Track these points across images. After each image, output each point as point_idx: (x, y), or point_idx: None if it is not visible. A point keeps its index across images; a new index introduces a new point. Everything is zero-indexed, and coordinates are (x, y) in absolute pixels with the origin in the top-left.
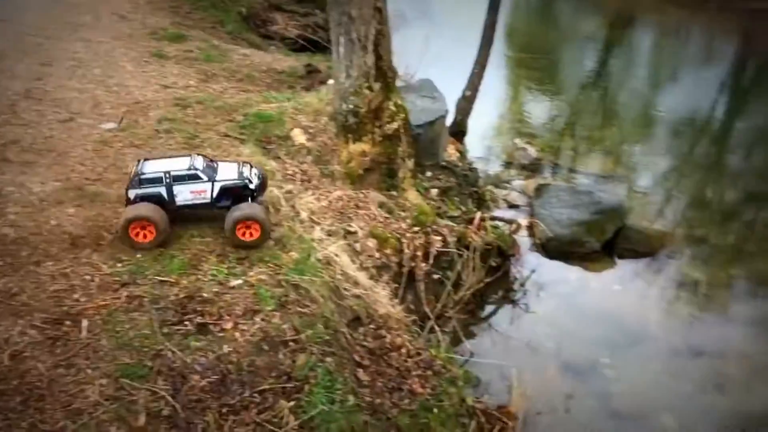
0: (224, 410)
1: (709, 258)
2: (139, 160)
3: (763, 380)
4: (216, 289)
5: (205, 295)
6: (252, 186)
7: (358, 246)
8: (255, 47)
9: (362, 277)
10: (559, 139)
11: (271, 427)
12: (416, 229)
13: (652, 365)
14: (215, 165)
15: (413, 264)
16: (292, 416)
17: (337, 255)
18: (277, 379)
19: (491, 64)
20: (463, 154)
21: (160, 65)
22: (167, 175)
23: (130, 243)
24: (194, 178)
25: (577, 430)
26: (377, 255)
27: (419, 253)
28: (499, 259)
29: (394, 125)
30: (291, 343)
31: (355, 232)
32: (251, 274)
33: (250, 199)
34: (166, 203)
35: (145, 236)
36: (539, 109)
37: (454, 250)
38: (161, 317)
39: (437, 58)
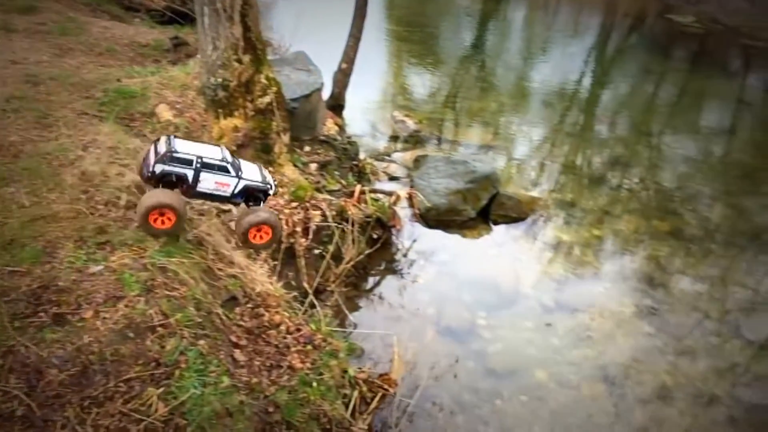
0: (86, 403)
1: (577, 220)
2: (168, 136)
3: (625, 331)
4: (74, 277)
5: (61, 284)
6: (271, 192)
7: (233, 224)
8: (117, 19)
9: (237, 255)
10: (437, 111)
11: (139, 416)
12: (294, 204)
13: (526, 323)
14: (239, 162)
15: (292, 240)
16: (161, 403)
17: (209, 234)
18: (145, 366)
19: (370, 37)
20: (342, 127)
21: (8, 39)
22: (199, 160)
23: (148, 229)
24: (223, 170)
25: (456, 390)
26: None
27: (298, 229)
28: (380, 230)
29: (267, 99)
30: (159, 328)
31: (228, 210)
32: (113, 259)
33: (261, 202)
34: (187, 186)
35: (163, 222)
36: (417, 82)
37: (334, 224)
38: (11, 310)
39: (312, 31)
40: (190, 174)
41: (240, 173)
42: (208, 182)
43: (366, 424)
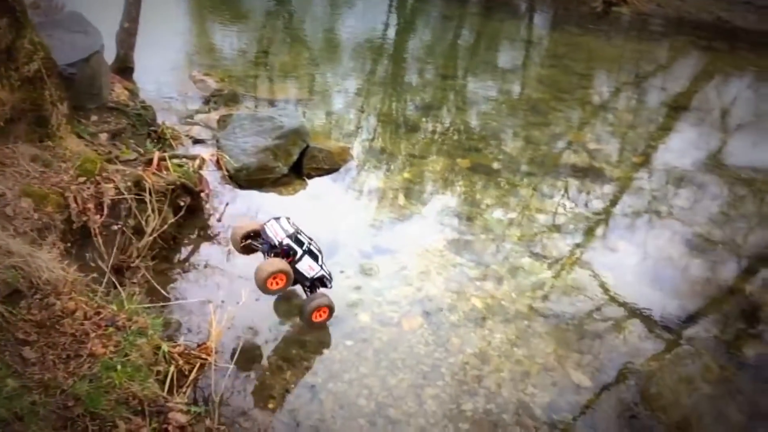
0: None
1: (388, 166)
2: (287, 218)
3: (438, 265)
4: None
5: None
6: (329, 285)
7: (9, 210)
8: None
9: (16, 244)
10: (241, 68)
11: None
12: (83, 179)
13: (347, 271)
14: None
15: (85, 218)
16: None
17: None
18: None
19: None
20: (133, 92)
21: None
22: (309, 244)
23: (264, 289)
24: (316, 258)
25: (281, 347)
26: (36, 216)
27: (90, 206)
28: (186, 197)
29: (34, 66)
30: None
31: (3, 195)
32: None
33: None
34: (291, 260)
35: (276, 284)
36: (219, 39)
37: (132, 196)
38: None
39: None
40: (299, 253)
41: (323, 264)
42: (305, 263)
43: (186, 397)
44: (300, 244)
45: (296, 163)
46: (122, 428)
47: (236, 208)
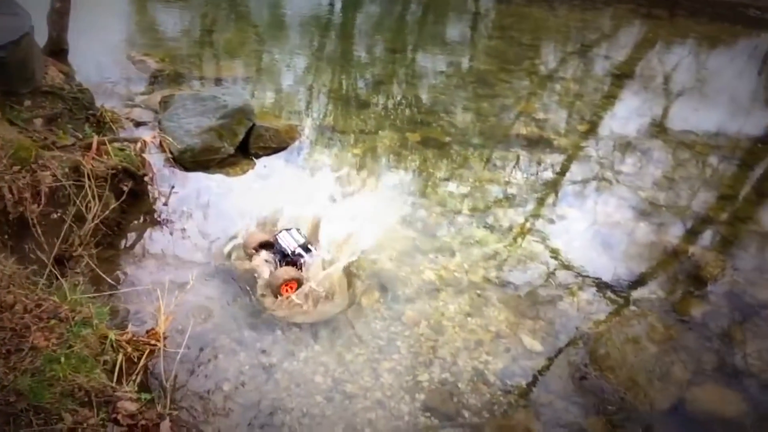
0: None
1: (336, 142)
2: (298, 229)
3: (391, 238)
4: None
5: None
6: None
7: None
8: None
9: None
10: (183, 47)
11: None
12: (17, 168)
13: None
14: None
15: (22, 208)
16: None
17: None
18: None
19: None
20: (69, 75)
21: None
22: (310, 246)
23: (277, 295)
24: (308, 251)
25: (233, 328)
26: None
27: (27, 195)
28: (130, 181)
29: None
30: None
31: None
32: None
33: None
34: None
35: (288, 290)
36: (160, 18)
37: (71, 183)
38: None
39: None
40: (302, 256)
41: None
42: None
43: (136, 384)
44: (308, 252)
45: (243, 143)
46: (69, 421)
47: (182, 191)
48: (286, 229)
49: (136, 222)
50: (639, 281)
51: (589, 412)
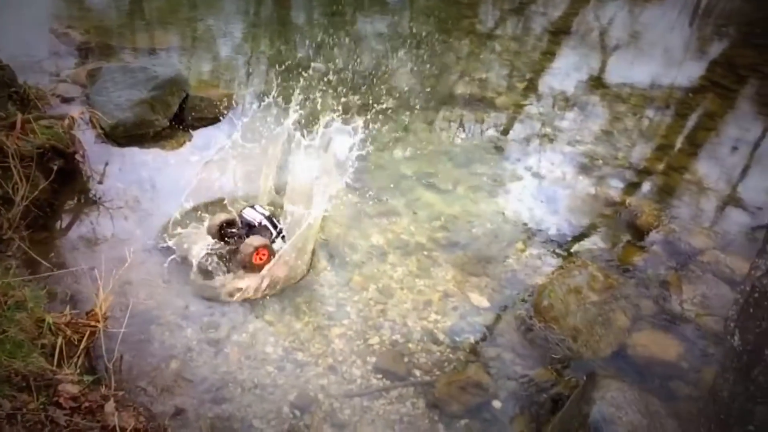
0: None
1: (275, 111)
2: (262, 205)
3: (336, 205)
4: None
5: None
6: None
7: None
8: None
9: None
10: (111, 18)
11: None
12: None
13: None
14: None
15: None
16: None
17: None
18: None
19: None
20: None
21: None
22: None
23: (251, 264)
24: (275, 226)
25: (179, 305)
26: None
27: None
28: (59, 160)
29: None
30: None
31: None
32: None
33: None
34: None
35: (261, 259)
36: None
37: None
38: None
39: None
40: (274, 234)
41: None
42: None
43: (78, 367)
44: (275, 226)
45: (177, 115)
46: (7, 407)
47: (117, 167)
48: (250, 206)
49: (70, 202)
50: (581, 234)
51: (536, 363)
